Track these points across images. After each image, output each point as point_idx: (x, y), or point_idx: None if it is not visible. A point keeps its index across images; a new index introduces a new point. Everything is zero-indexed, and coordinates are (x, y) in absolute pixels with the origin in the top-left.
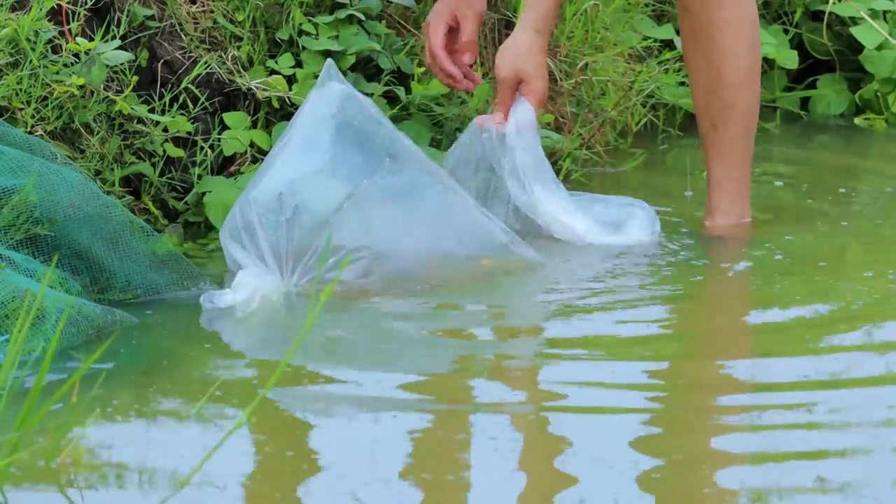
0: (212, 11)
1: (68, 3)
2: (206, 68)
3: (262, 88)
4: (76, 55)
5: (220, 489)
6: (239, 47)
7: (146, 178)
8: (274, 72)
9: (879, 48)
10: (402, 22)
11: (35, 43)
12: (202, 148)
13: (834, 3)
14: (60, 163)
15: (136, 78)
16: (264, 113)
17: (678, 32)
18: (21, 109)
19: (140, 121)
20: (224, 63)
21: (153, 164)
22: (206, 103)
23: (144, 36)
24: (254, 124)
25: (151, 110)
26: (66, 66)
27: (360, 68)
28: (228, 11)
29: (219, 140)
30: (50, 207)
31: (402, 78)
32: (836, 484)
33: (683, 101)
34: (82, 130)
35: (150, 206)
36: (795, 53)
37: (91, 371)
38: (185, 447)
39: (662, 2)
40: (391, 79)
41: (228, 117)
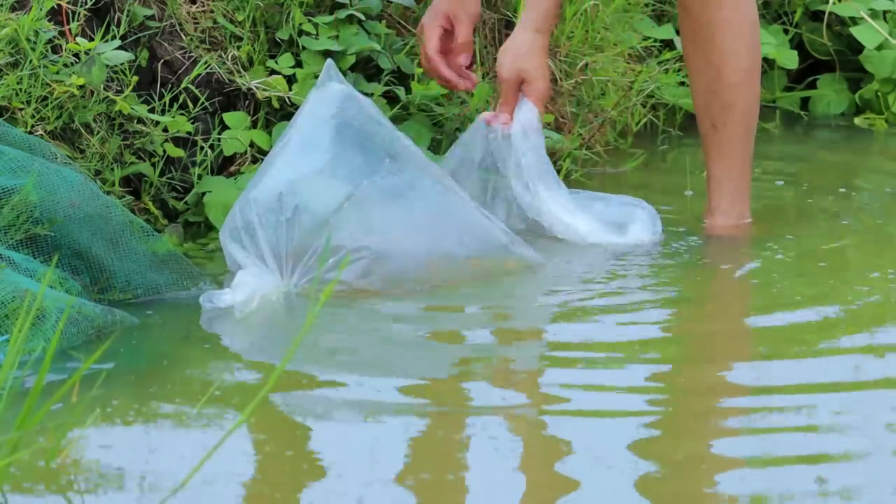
0: (212, 11)
1: (68, 3)
2: (206, 68)
3: (262, 88)
4: (76, 55)
5: (220, 489)
6: (239, 47)
7: (146, 178)
8: (274, 72)
9: (879, 48)
10: (403, 22)
11: (35, 43)
12: (202, 148)
13: (834, 3)
14: (60, 163)
15: (136, 78)
16: (264, 113)
17: (678, 32)
18: (21, 109)
19: (140, 121)
20: (224, 63)
21: (153, 164)
22: (206, 103)
23: (144, 36)
24: (254, 124)
25: (151, 110)
26: (66, 65)
27: (360, 68)
28: (228, 11)
29: (219, 140)
30: (50, 207)
31: (402, 78)
32: (837, 488)
33: (683, 101)
34: (82, 130)
35: (150, 206)
36: (795, 53)
37: (91, 371)
38: (184, 447)
39: (662, 2)
40: (391, 79)
41: (228, 117)
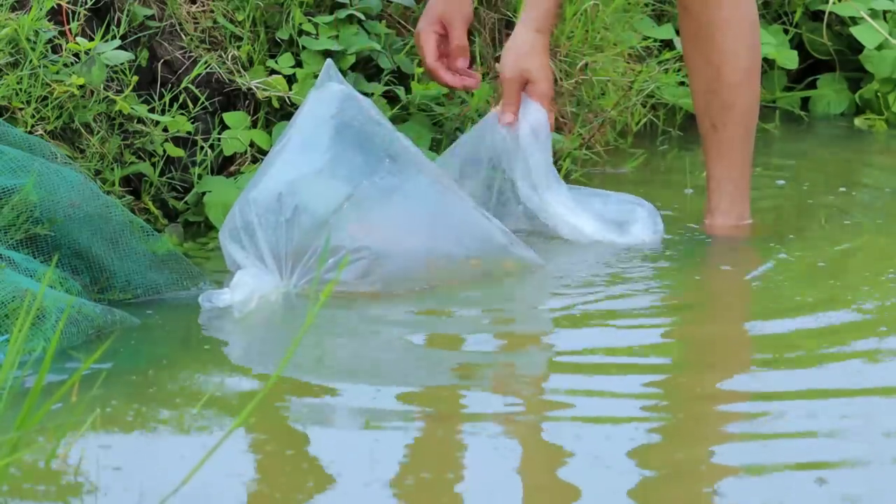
0: (212, 11)
1: (68, 2)
2: (206, 68)
3: (262, 88)
4: (76, 55)
5: (220, 490)
6: (239, 47)
7: (146, 178)
8: (274, 72)
9: (879, 48)
10: (402, 22)
11: (35, 43)
12: (202, 148)
13: (834, 3)
14: (60, 162)
15: (136, 78)
16: (264, 113)
17: (678, 32)
18: (21, 109)
19: (140, 120)
20: (224, 63)
21: (153, 164)
22: (206, 103)
23: (144, 36)
24: (254, 124)
25: (151, 110)
26: (66, 65)
27: (360, 68)
28: (228, 11)
29: (219, 140)
30: (50, 207)
31: (402, 78)
32: (838, 495)
33: (683, 101)
34: (82, 130)
35: (150, 205)
36: (795, 53)
37: (91, 371)
38: (184, 447)
39: (662, 2)
40: (391, 79)
41: (228, 117)
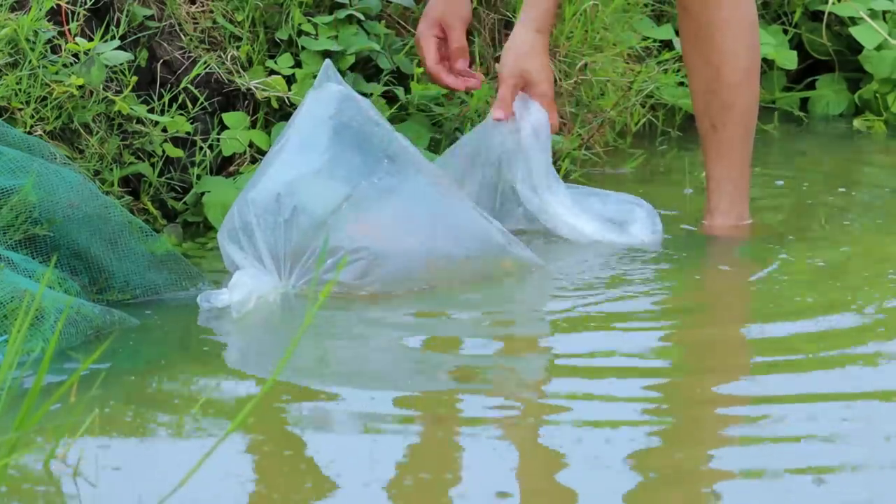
0: (211, 11)
1: (68, 3)
2: (205, 68)
3: (262, 88)
4: (75, 55)
5: (218, 490)
6: (238, 47)
7: (145, 179)
8: (273, 72)
9: (879, 48)
10: (402, 22)
11: (34, 43)
12: (201, 148)
13: (833, 4)
14: (59, 163)
15: (135, 78)
16: (263, 113)
17: (677, 33)
18: (20, 109)
19: (139, 121)
20: (223, 63)
21: (152, 165)
22: (206, 103)
23: (144, 36)
24: (253, 124)
25: (150, 110)
26: (65, 66)
27: (360, 68)
28: (228, 11)
29: (218, 140)
30: (49, 208)
31: (401, 78)
32: (838, 499)
33: (683, 101)
34: (81, 130)
35: (149, 206)
36: (795, 54)
37: (89, 371)
38: (183, 448)
39: (662, 2)
40: (390, 79)
41: (227, 117)
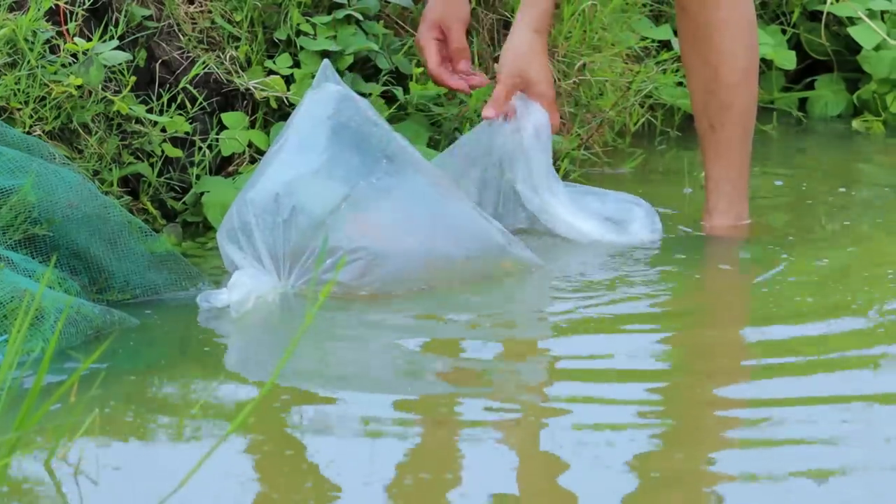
0: (210, 12)
1: (66, 3)
2: (204, 68)
3: (260, 88)
4: (74, 55)
5: (218, 490)
6: (237, 47)
7: (144, 179)
8: (272, 72)
9: (877, 48)
10: (400, 22)
11: (33, 43)
12: (200, 148)
13: (832, 4)
14: (59, 163)
15: (134, 78)
16: (262, 113)
17: (676, 33)
18: (19, 109)
19: (138, 121)
20: (222, 63)
21: (151, 165)
22: (205, 103)
23: (142, 36)
24: (252, 124)
25: (149, 110)
26: (64, 66)
27: (358, 68)
28: (226, 11)
29: (217, 140)
30: (48, 208)
31: (400, 78)
32: (839, 501)
33: (681, 101)
34: (80, 131)
35: (149, 206)
36: (793, 54)
37: (89, 371)
38: (183, 448)
39: (660, 2)
40: (389, 79)
41: (226, 117)
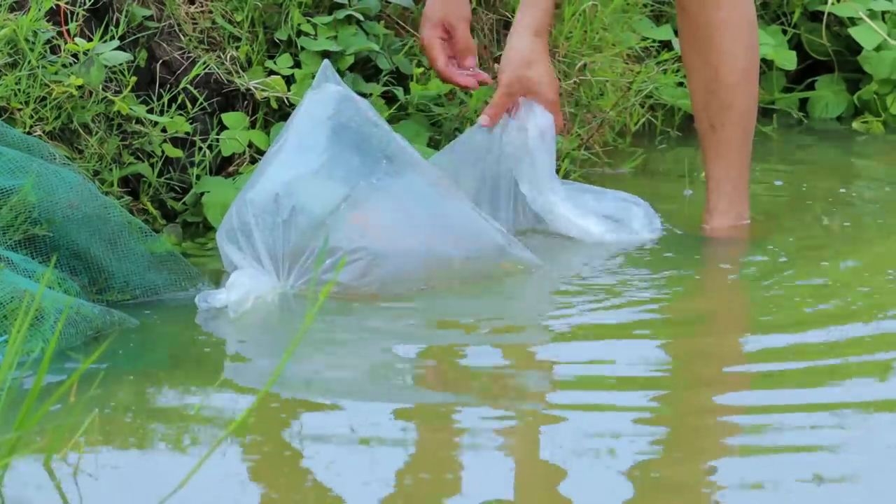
0: (210, 12)
1: (67, 3)
2: (204, 69)
3: (261, 89)
4: (75, 55)
5: (218, 489)
6: (237, 48)
7: (145, 179)
8: (272, 72)
9: (878, 49)
10: (401, 22)
11: (34, 43)
12: (200, 148)
13: (833, 4)
14: (59, 163)
15: (134, 78)
16: (263, 113)
17: (676, 33)
18: (19, 110)
19: (138, 121)
20: (223, 63)
21: (152, 165)
22: (205, 104)
23: (143, 36)
24: (252, 125)
25: (150, 111)
26: (64, 66)
27: (359, 69)
28: (227, 12)
29: (217, 140)
30: (48, 208)
31: (400, 78)
32: None
33: (682, 101)
34: (81, 131)
35: (149, 206)
36: (794, 54)
37: (89, 371)
38: (182, 448)
39: (661, 2)
40: (390, 79)
41: (227, 117)
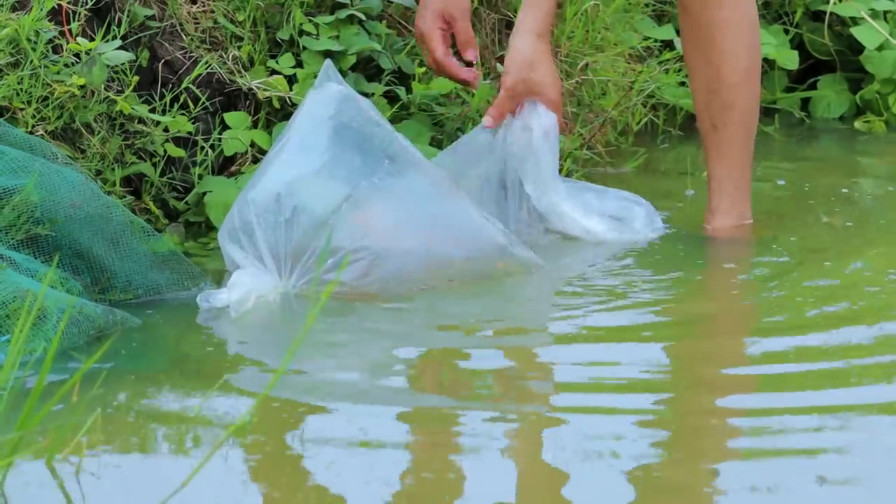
0: (212, 11)
1: (69, 3)
2: (206, 68)
3: (263, 88)
4: (77, 55)
5: (219, 489)
6: (239, 47)
7: (147, 178)
8: (274, 72)
9: (880, 48)
10: (403, 22)
11: (36, 43)
12: (203, 148)
13: (834, 3)
14: (61, 163)
15: (136, 78)
16: (265, 113)
17: (678, 32)
18: (22, 109)
19: (141, 121)
20: (225, 63)
21: (154, 164)
22: (207, 103)
23: (145, 36)
24: (254, 124)
25: (152, 110)
26: (66, 66)
27: (361, 68)
28: (229, 11)
29: (219, 140)
30: (51, 207)
31: (402, 78)
32: None
33: (684, 101)
34: (83, 130)
35: (151, 206)
36: (796, 54)
37: (91, 371)
38: (184, 448)
39: (663, 2)
40: (392, 79)
41: (229, 117)
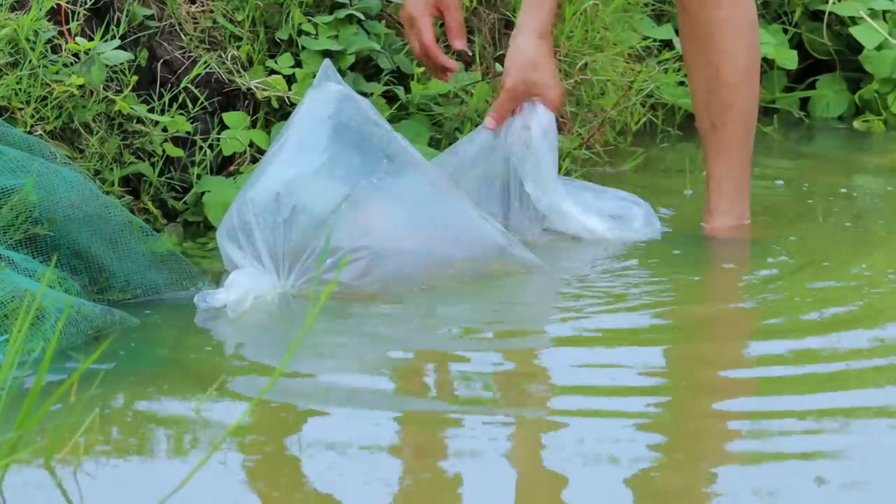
0: (211, 11)
1: (68, 2)
2: (205, 68)
3: (262, 88)
4: (76, 55)
5: (218, 489)
6: (238, 47)
7: (145, 178)
8: (273, 71)
9: (879, 48)
10: (402, 22)
11: (34, 43)
12: (201, 148)
13: (833, 3)
14: (60, 163)
15: (135, 78)
16: (264, 113)
17: (677, 32)
18: (20, 109)
19: (139, 120)
20: (223, 63)
21: (152, 164)
22: (206, 103)
23: (144, 36)
24: (253, 124)
25: (151, 110)
26: (65, 65)
27: (360, 68)
28: (228, 11)
29: (218, 140)
30: (49, 207)
31: (401, 77)
32: None
33: (683, 100)
34: (82, 130)
35: (150, 205)
36: (795, 53)
37: (90, 371)
38: (183, 448)
39: (662, 1)
40: (391, 78)
41: (228, 117)
